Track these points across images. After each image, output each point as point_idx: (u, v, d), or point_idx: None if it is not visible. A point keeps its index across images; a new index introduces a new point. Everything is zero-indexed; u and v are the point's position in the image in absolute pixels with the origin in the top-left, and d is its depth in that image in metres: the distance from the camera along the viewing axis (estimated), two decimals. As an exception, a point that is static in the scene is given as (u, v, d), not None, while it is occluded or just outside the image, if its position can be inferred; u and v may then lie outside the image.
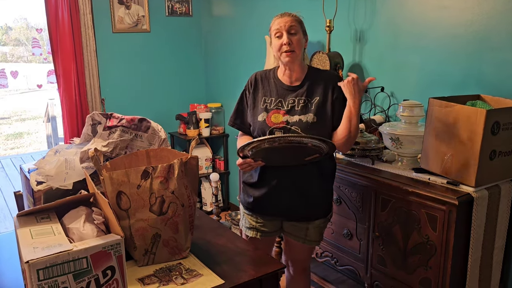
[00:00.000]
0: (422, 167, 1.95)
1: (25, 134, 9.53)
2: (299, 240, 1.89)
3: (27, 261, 0.98)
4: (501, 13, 1.98)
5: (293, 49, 1.74)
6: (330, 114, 1.78)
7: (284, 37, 1.73)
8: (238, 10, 3.71)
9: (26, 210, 1.24)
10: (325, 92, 1.79)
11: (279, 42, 1.75)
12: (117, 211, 1.31)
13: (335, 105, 1.78)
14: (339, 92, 1.78)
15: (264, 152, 1.66)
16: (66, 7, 3.39)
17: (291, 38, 1.74)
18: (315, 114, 1.76)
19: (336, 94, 1.79)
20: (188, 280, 1.29)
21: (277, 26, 1.76)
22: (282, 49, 1.75)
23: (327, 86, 1.80)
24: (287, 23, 1.74)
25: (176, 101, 4.13)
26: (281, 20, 1.76)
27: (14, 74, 10.91)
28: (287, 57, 1.75)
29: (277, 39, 1.76)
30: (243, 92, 1.93)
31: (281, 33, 1.75)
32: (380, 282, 2.07)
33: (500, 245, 1.91)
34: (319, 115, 1.76)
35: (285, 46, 1.73)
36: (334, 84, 1.79)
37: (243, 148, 1.65)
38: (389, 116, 2.48)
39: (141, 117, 1.63)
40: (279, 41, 1.75)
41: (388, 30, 2.47)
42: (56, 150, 1.58)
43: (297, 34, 1.76)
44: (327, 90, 1.79)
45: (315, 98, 1.79)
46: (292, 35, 1.74)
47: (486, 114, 1.65)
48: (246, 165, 1.72)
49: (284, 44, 1.73)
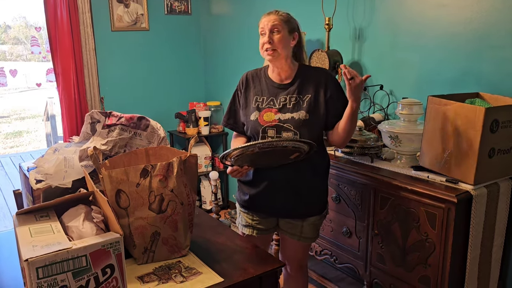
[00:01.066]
0: (421, 165, 1.95)
1: (24, 133, 9.53)
2: (295, 237, 1.90)
3: (26, 259, 0.98)
4: (500, 11, 1.98)
5: (275, 48, 1.76)
6: (324, 112, 1.78)
7: (266, 36, 1.77)
8: (237, 9, 3.71)
9: (25, 209, 1.24)
10: (317, 89, 1.80)
11: (262, 41, 1.79)
12: (116, 210, 1.31)
13: (328, 103, 1.79)
14: (333, 90, 1.79)
15: (247, 158, 1.67)
16: (65, 5, 3.38)
17: (272, 37, 1.76)
18: (307, 112, 1.77)
19: (330, 93, 1.79)
20: (188, 278, 1.29)
21: (262, 25, 1.79)
22: (264, 48, 1.78)
23: (319, 84, 1.80)
24: (270, 21, 1.77)
25: (175, 100, 4.13)
26: (266, 19, 1.79)
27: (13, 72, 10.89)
28: (268, 56, 1.78)
29: (261, 37, 1.80)
30: (235, 92, 1.95)
31: (264, 32, 1.78)
32: (379, 280, 2.08)
33: (499, 243, 1.91)
34: (311, 112, 1.77)
35: (266, 44, 1.77)
36: (326, 81, 1.80)
37: (224, 159, 1.67)
38: (388, 114, 2.48)
39: (140, 115, 1.63)
40: (262, 39, 1.79)
41: (387, 28, 2.47)
42: (55, 148, 1.58)
43: (280, 33, 1.77)
44: (319, 87, 1.80)
45: (306, 95, 1.80)
46: (274, 33, 1.76)
47: (485, 112, 1.65)
48: (235, 172, 1.73)
49: (265, 43, 1.77)
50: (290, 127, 1.76)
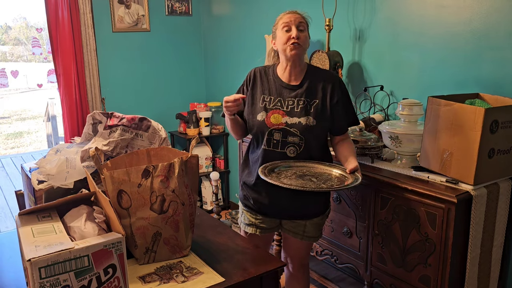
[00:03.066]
0: (421, 165, 1.96)
1: (25, 134, 9.54)
2: (298, 236, 1.90)
3: (29, 259, 0.99)
4: (499, 11, 1.99)
5: (300, 43, 1.76)
6: (329, 116, 1.80)
7: (294, 31, 1.75)
8: (238, 9, 3.72)
9: (27, 209, 1.25)
10: (324, 94, 1.81)
11: (287, 35, 1.76)
12: (118, 210, 1.32)
13: (334, 109, 1.81)
14: (340, 95, 1.81)
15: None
16: (66, 6, 3.39)
17: (300, 34, 1.75)
18: (315, 118, 1.78)
19: (336, 97, 1.81)
20: (189, 278, 1.30)
21: (287, 20, 1.77)
22: (290, 41, 1.75)
23: (326, 88, 1.81)
24: (297, 18, 1.77)
25: (176, 100, 4.13)
26: (291, 15, 1.78)
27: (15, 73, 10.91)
28: (294, 49, 1.75)
29: (284, 32, 1.77)
30: (241, 87, 1.93)
31: (290, 27, 1.76)
32: (379, 279, 2.08)
33: (499, 243, 1.92)
34: (318, 118, 1.78)
35: (293, 39, 1.74)
36: (334, 86, 1.81)
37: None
38: (389, 115, 2.48)
39: (141, 116, 1.64)
40: (286, 34, 1.76)
41: (388, 28, 2.48)
42: (57, 149, 1.59)
43: (304, 31, 1.78)
44: (326, 92, 1.81)
45: (314, 100, 1.80)
46: (300, 31, 1.76)
47: (484, 112, 1.66)
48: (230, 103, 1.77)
49: (293, 37, 1.74)
50: (297, 132, 1.77)
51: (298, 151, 1.79)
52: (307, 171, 1.77)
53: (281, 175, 1.72)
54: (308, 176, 1.73)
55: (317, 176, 1.74)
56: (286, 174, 1.74)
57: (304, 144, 1.79)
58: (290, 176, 1.72)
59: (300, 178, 1.71)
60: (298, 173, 1.75)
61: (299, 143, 1.78)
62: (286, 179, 1.70)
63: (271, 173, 1.74)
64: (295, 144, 1.79)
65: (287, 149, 1.79)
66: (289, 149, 1.79)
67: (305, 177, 1.71)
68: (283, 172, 1.75)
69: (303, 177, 1.72)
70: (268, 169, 1.75)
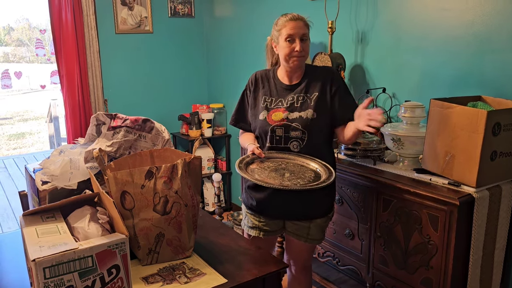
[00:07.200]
0: (424, 167, 1.96)
1: (27, 134, 9.56)
2: (301, 239, 1.90)
3: (33, 259, 1.00)
4: (502, 14, 1.99)
5: (304, 55, 1.78)
6: (330, 108, 1.81)
7: (298, 44, 1.76)
8: (240, 11, 3.72)
9: (31, 210, 1.25)
10: (323, 87, 1.83)
11: (291, 47, 1.77)
12: (121, 211, 1.33)
13: (334, 99, 1.82)
14: (338, 85, 1.83)
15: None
16: (70, 8, 3.41)
17: (303, 46, 1.77)
18: (315, 110, 1.79)
19: (334, 88, 1.82)
20: (192, 279, 1.30)
21: (290, 32, 1.76)
22: (293, 54, 1.77)
23: (325, 81, 1.83)
24: (300, 29, 1.77)
25: (178, 102, 4.14)
26: (295, 25, 1.76)
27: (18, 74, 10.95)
28: (297, 62, 1.79)
29: (288, 43, 1.77)
30: (244, 92, 1.97)
31: (294, 39, 1.76)
32: (381, 282, 2.08)
33: (501, 246, 1.92)
34: (318, 111, 1.80)
35: (296, 52, 1.76)
36: (332, 78, 1.84)
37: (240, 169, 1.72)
38: (391, 117, 2.49)
39: (145, 117, 1.65)
40: (290, 45, 1.77)
41: (390, 31, 2.48)
42: (61, 150, 1.60)
43: (307, 40, 1.80)
44: (325, 85, 1.83)
45: (313, 94, 1.82)
46: (303, 41, 1.78)
47: (487, 115, 1.66)
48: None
49: (297, 50, 1.76)
50: (298, 126, 1.79)
51: (301, 145, 1.81)
52: (285, 166, 1.76)
53: (255, 171, 1.73)
54: (283, 171, 1.72)
55: (292, 171, 1.73)
56: (262, 166, 1.75)
57: (307, 138, 1.80)
58: (264, 170, 1.73)
59: (274, 172, 1.71)
60: (272, 166, 1.75)
61: (301, 137, 1.80)
62: (259, 173, 1.70)
63: (247, 166, 1.75)
64: (298, 139, 1.80)
65: (290, 144, 1.81)
66: (292, 144, 1.81)
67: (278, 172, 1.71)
68: (260, 164, 1.77)
69: (276, 171, 1.72)
70: (245, 162, 1.76)
